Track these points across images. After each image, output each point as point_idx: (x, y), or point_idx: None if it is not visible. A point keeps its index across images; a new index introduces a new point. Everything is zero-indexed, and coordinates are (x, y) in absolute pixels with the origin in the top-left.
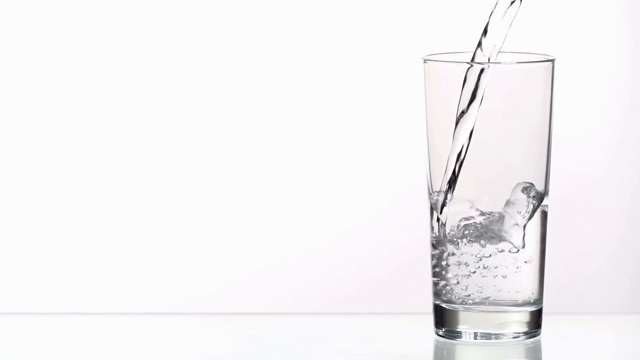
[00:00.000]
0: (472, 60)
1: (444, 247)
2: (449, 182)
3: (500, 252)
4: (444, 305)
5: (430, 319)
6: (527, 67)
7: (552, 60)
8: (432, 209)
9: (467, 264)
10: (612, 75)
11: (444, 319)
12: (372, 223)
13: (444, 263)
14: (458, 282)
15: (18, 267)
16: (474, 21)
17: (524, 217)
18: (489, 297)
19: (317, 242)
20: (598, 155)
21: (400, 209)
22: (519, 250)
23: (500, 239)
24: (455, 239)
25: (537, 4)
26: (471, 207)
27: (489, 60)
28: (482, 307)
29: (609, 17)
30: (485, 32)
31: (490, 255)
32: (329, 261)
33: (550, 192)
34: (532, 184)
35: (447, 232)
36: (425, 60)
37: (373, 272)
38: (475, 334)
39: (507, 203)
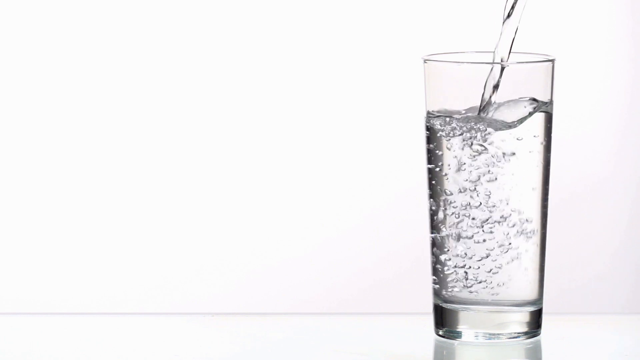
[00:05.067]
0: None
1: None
2: None
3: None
4: (444, 305)
5: (430, 319)
6: (527, 67)
7: (552, 60)
8: (431, 206)
9: (467, 265)
10: (612, 75)
11: (444, 319)
12: (373, 224)
13: (444, 262)
14: (458, 282)
15: (18, 267)
16: (473, 21)
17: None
18: (489, 297)
19: (317, 243)
20: (598, 155)
21: (401, 210)
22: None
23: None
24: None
25: (537, 4)
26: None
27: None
28: (482, 307)
29: (609, 17)
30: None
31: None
32: (329, 262)
33: (550, 193)
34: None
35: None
36: (425, 60)
37: (373, 273)
38: (476, 334)
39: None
